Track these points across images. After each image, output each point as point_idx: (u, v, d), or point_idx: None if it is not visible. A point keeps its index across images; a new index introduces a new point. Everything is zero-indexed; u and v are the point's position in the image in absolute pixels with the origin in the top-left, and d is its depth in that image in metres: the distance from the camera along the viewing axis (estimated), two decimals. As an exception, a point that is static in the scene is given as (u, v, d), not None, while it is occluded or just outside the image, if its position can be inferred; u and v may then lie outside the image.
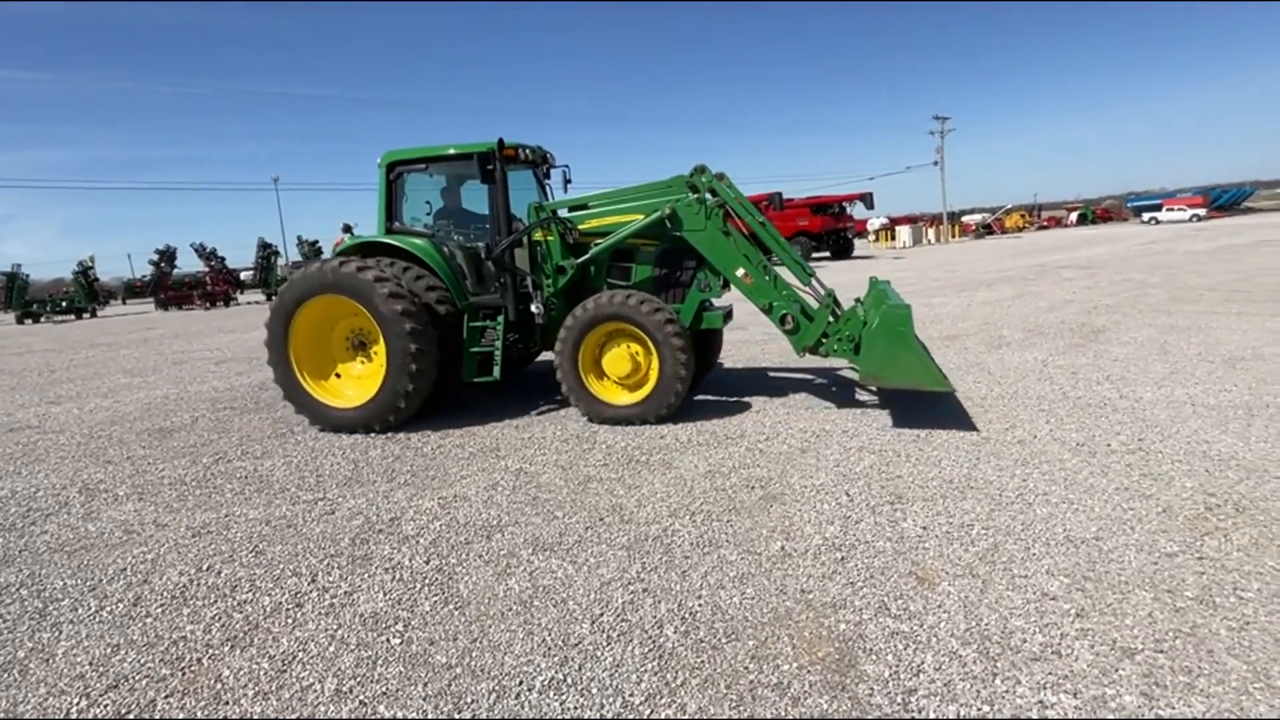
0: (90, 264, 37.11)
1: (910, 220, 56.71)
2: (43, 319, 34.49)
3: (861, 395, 6.80)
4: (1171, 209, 54.35)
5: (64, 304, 35.48)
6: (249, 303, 36.19)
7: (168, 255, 38.17)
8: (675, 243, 6.53)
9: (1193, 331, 8.90)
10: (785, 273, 6.60)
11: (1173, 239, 30.91)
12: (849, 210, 36.61)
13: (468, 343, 6.64)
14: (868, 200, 35.93)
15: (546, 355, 6.89)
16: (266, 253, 38.35)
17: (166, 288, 37.36)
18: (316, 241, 38.17)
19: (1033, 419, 5.66)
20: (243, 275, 42.47)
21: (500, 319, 6.69)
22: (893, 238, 49.39)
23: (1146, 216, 55.74)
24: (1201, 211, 53.02)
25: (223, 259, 38.38)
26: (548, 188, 7.81)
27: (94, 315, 35.48)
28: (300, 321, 6.53)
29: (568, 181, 7.78)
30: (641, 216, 6.47)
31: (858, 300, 6.68)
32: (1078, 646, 2.65)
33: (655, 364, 6.09)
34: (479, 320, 6.74)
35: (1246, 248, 22.31)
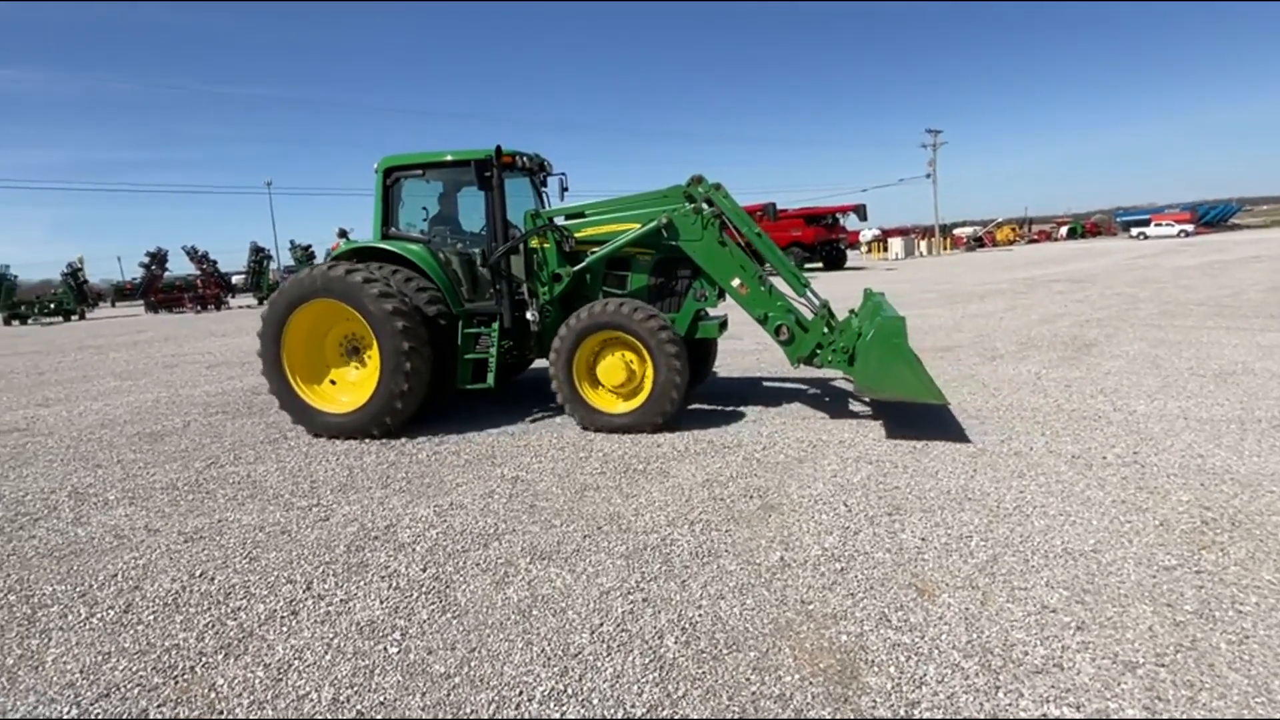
0: (79, 265, 36.82)
1: (902, 232, 57.12)
2: (30, 321, 34.18)
3: (855, 406, 6.81)
4: (1160, 224, 55.00)
5: (52, 306, 35.16)
6: (240, 307, 35.97)
7: (159, 258, 37.92)
8: (671, 252, 6.54)
9: (1183, 346, 8.98)
10: (780, 284, 6.63)
11: (1161, 254, 31.26)
12: (842, 221, 36.86)
13: (462, 349, 6.62)
14: (861, 212, 36.17)
15: (540, 362, 6.87)
16: (259, 257, 38.20)
17: (157, 290, 37.13)
18: (309, 246, 38.03)
19: (1028, 431, 5.68)
20: (234, 279, 42.25)
21: (495, 326, 6.67)
22: (885, 249, 49.71)
23: (1135, 231, 56.37)
24: (1189, 227, 53.66)
25: (214, 262, 38.20)
26: (544, 195, 7.82)
27: (82, 317, 35.17)
28: (293, 327, 6.49)
29: (564, 189, 7.81)
30: (638, 225, 6.47)
31: (852, 312, 6.70)
32: (1079, 660, 2.65)
33: (650, 372, 6.08)
34: (474, 327, 6.73)
35: (1234, 263, 22.59)
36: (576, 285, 6.73)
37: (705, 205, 6.40)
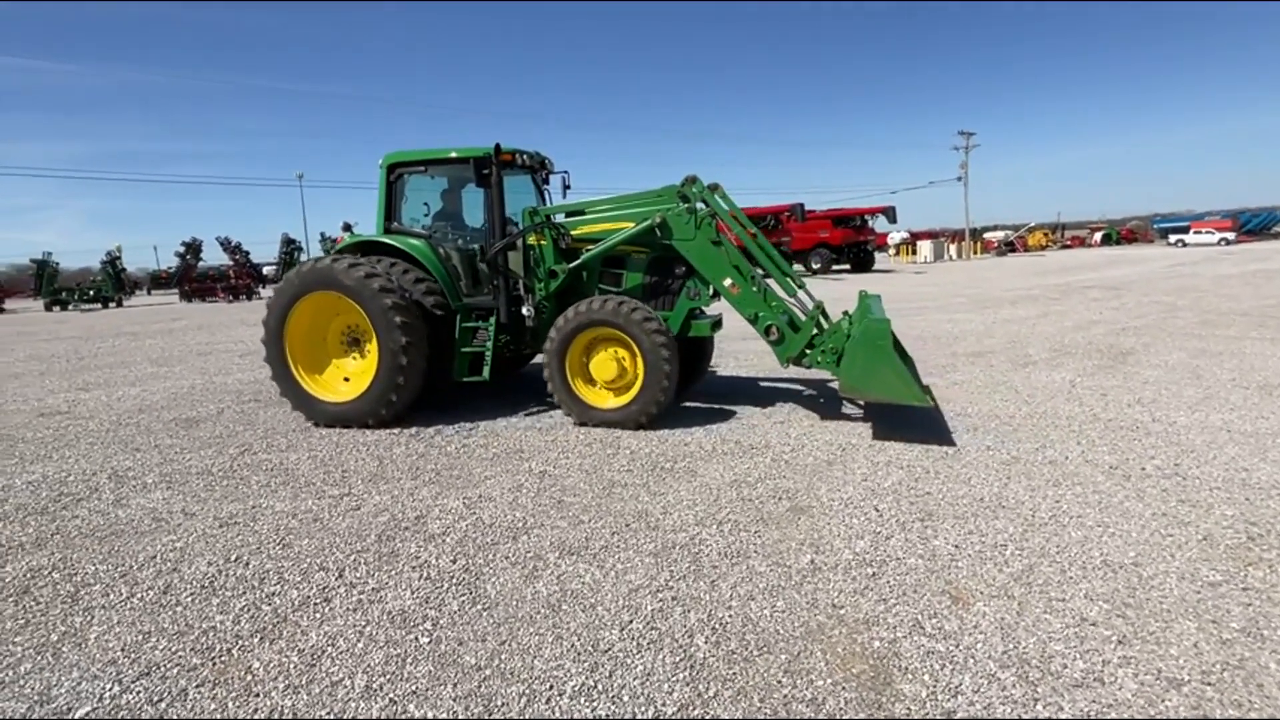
0: (118, 254, 37.73)
1: (932, 235, 56.34)
2: (70, 307, 35.11)
3: (885, 410, 6.72)
4: (1199, 232, 53.61)
5: (91, 293, 36.09)
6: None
7: (194, 248, 38.73)
8: (665, 251, 6.58)
9: (1225, 356, 8.73)
10: (777, 286, 6.64)
11: (1200, 262, 30.47)
12: (871, 223, 36.45)
13: (459, 342, 6.73)
14: (890, 214, 35.75)
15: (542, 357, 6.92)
16: (290, 248, 38.87)
17: (191, 280, 37.92)
18: (338, 238, 38.56)
19: (1063, 440, 5.57)
20: (265, 270, 42.99)
21: (492, 320, 6.77)
22: (914, 252, 49.10)
23: (1173, 239, 55.00)
24: (1230, 235, 52.28)
25: (247, 253, 38.93)
26: (546, 193, 7.89)
27: (120, 305, 36.05)
28: (296, 317, 6.68)
29: (567, 187, 7.90)
30: (633, 224, 6.53)
31: (846, 314, 6.69)
32: (1121, 675, 2.59)
33: (641, 369, 6.14)
34: (471, 321, 6.83)
35: (1278, 273, 21.92)
36: (573, 282, 6.82)
37: (700, 205, 6.44)
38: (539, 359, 6.94)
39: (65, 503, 4.85)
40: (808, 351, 6.16)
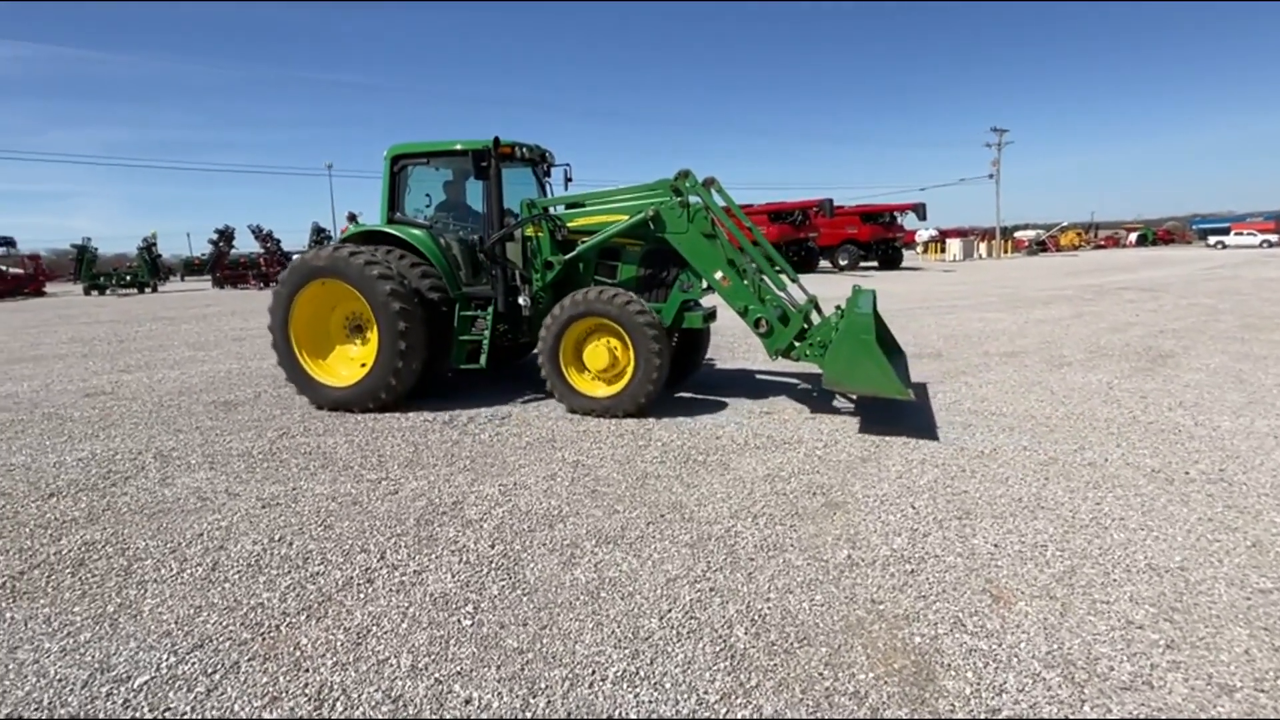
0: (153, 240, 38.47)
1: (961, 233, 55.47)
2: (108, 291, 35.93)
3: (919, 408, 6.67)
4: (1240, 233, 52.23)
5: (128, 278, 36.88)
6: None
7: (226, 235, 39.36)
8: (659, 243, 6.63)
9: (1270, 361, 8.51)
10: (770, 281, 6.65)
11: (1241, 264, 29.66)
12: (900, 220, 35.97)
13: (458, 330, 6.85)
14: (920, 211, 35.26)
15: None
16: (320, 237, 39.32)
17: (223, 267, 38.58)
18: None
19: (1102, 441, 5.48)
20: (295, 258, 43.61)
21: (490, 309, 6.87)
22: (942, 250, 48.42)
23: (1213, 240, 53.63)
24: (1273, 237, 50.85)
25: (278, 241, 39.48)
26: (548, 186, 7.98)
27: (155, 290, 36.79)
28: (300, 304, 6.83)
29: (569, 180, 7.96)
30: (627, 217, 6.57)
31: (838, 308, 6.71)
32: (1170, 679, 2.55)
33: (632, 359, 6.23)
34: (470, 310, 6.93)
35: (1323, 277, 21.27)
36: (570, 273, 6.91)
37: (694, 199, 6.48)
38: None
39: (114, 480, 4.99)
40: (796, 344, 6.24)
